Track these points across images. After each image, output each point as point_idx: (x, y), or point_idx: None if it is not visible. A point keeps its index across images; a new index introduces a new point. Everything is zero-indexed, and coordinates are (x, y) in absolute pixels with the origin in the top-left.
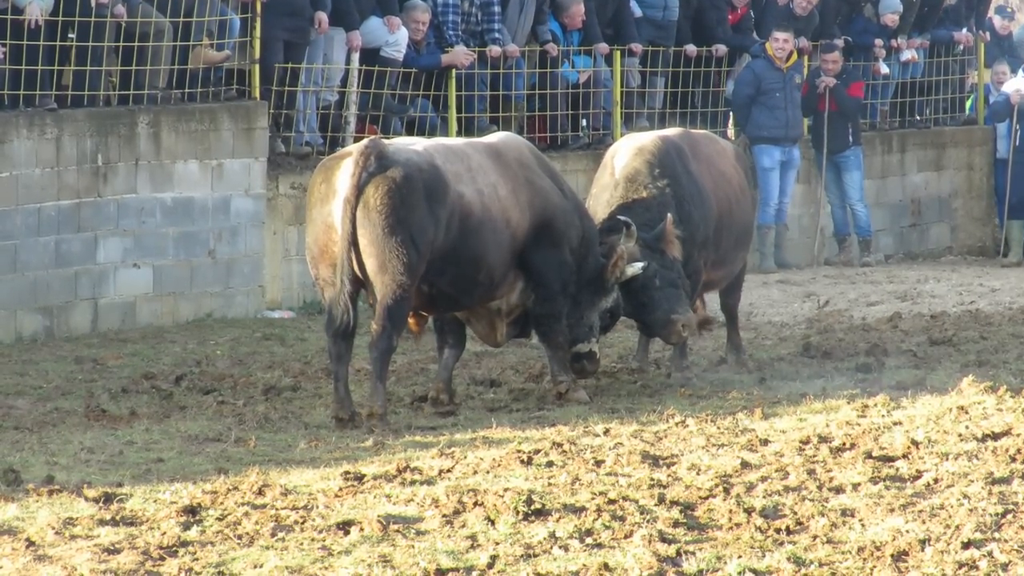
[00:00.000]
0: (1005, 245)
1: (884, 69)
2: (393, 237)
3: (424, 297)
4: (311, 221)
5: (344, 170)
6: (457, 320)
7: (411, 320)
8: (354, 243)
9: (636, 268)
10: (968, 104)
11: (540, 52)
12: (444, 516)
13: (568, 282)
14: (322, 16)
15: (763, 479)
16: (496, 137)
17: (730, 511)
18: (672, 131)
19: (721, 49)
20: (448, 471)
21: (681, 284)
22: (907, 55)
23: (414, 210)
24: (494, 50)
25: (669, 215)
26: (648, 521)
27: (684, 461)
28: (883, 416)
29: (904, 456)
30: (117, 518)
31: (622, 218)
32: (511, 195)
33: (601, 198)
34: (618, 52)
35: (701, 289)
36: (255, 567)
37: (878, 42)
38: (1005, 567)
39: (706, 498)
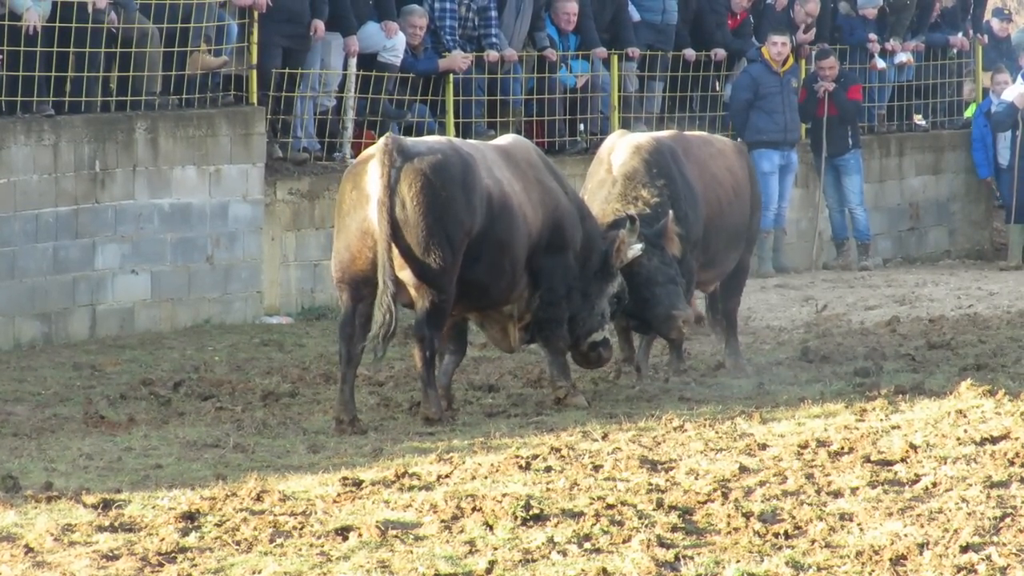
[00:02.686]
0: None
1: (881, 64)
2: (433, 238)
3: (456, 290)
4: (343, 228)
5: (372, 172)
6: (459, 326)
7: None
8: (396, 245)
9: (636, 250)
10: (971, 110)
11: (538, 57)
12: (442, 521)
13: (572, 287)
14: (318, 23)
15: (761, 483)
16: (504, 139)
17: (728, 516)
18: (665, 133)
19: (720, 53)
20: (446, 476)
21: (680, 281)
22: (901, 58)
23: (452, 202)
24: (491, 55)
25: (671, 212)
26: (646, 526)
27: (682, 466)
28: (881, 420)
29: (902, 460)
30: (116, 524)
31: (628, 213)
32: (523, 192)
33: (598, 195)
34: (616, 56)
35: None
36: (254, 573)
37: (872, 37)
38: (1004, 571)
39: (704, 503)
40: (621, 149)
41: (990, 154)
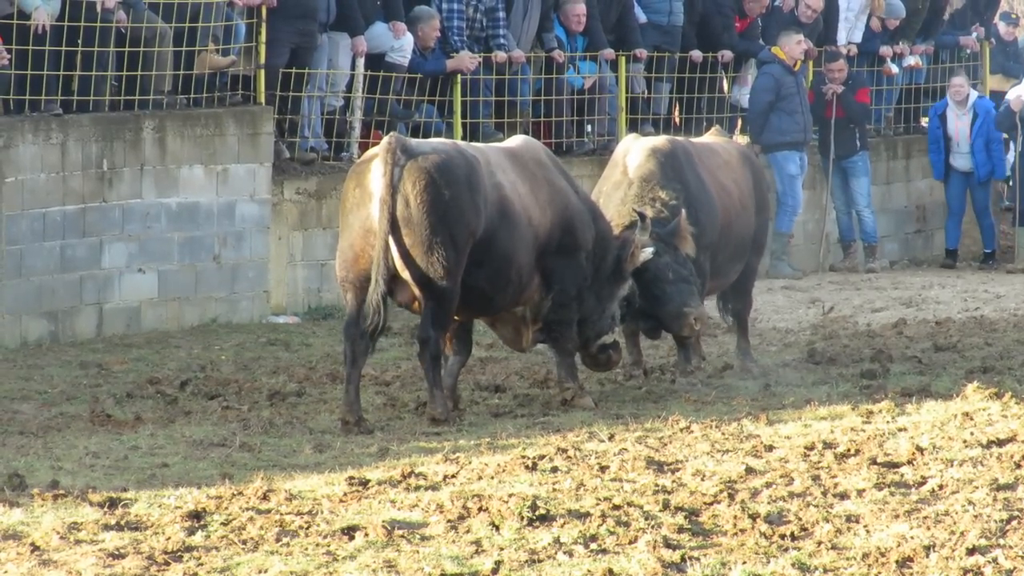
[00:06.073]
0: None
1: (894, 69)
2: (437, 237)
3: (460, 296)
4: (347, 226)
5: (375, 170)
6: (464, 327)
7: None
8: (397, 244)
9: (647, 253)
10: None
11: (545, 58)
12: (449, 521)
13: (583, 288)
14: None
15: (768, 485)
16: (512, 141)
17: (735, 517)
18: (678, 138)
19: (727, 55)
20: (453, 476)
21: (692, 280)
22: (910, 60)
23: (456, 201)
24: (499, 56)
25: (683, 211)
26: (653, 527)
27: (689, 467)
28: (888, 422)
29: (909, 462)
30: (122, 523)
31: (638, 209)
32: (530, 194)
33: (614, 196)
34: (623, 58)
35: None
36: (260, 572)
37: (885, 50)
38: (1010, 573)
39: (711, 504)
40: (636, 152)
41: (942, 157)
